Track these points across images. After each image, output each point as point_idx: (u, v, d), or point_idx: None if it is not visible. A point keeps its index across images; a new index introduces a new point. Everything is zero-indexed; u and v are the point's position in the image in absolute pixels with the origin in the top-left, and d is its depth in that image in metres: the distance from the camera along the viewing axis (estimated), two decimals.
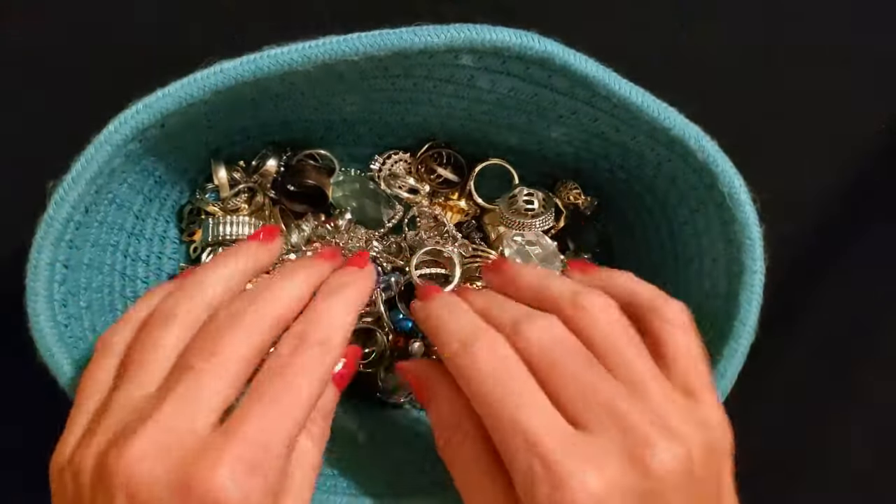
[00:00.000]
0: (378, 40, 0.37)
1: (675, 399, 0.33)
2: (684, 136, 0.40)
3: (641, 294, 0.37)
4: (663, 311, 0.36)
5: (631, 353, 0.34)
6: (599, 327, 0.35)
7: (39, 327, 0.38)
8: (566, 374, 0.33)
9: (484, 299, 0.38)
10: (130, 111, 0.37)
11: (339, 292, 0.36)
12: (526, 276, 0.38)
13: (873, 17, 0.53)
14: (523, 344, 0.34)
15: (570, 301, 0.35)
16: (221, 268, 0.36)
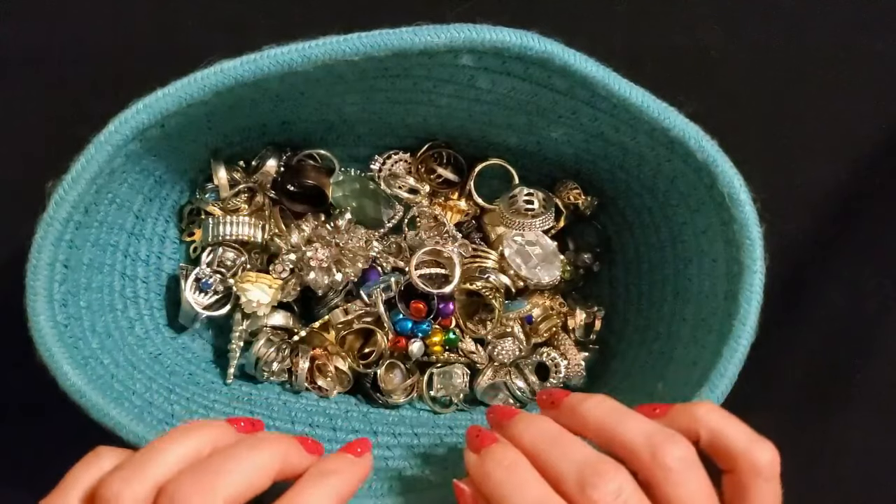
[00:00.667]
0: (378, 40, 0.37)
1: None
2: (684, 136, 0.40)
3: (733, 438, 0.34)
4: (756, 461, 0.34)
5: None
6: (682, 489, 0.32)
7: (39, 327, 0.38)
8: None
9: (543, 441, 0.34)
10: (131, 111, 0.37)
11: (325, 481, 0.34)
12: (593, 417, 0.35)
13: (873, 18, 0.53)
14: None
15: (649, 453, 0.32)
16: (176, 445, 0.33)
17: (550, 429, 0.34)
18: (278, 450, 0.34)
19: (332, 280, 0.48)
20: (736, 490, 0.34)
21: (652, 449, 0.32)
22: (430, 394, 0.50)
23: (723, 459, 0.34)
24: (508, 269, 0.49)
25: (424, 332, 0.49)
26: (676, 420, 0.35)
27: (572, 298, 0.53)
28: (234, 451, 0.33)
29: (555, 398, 0.37)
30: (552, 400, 0.37)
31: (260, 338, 0.49)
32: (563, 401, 0.37)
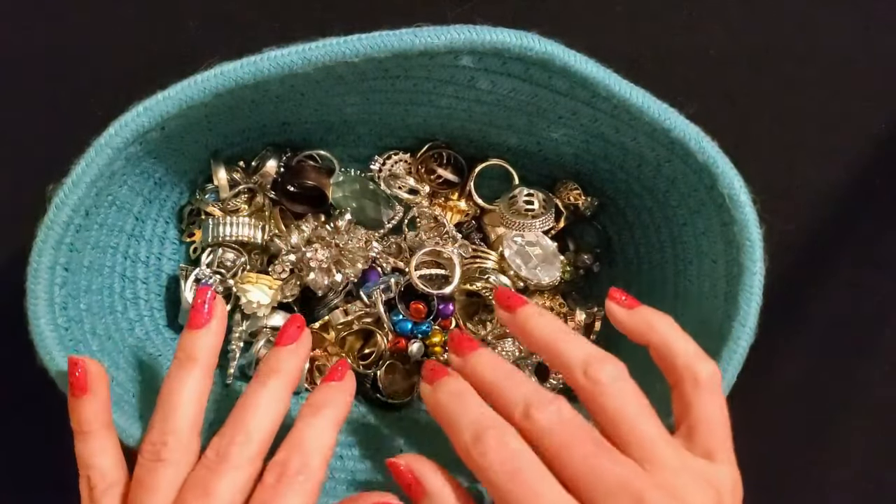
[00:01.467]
0: (378, 42, 0.37)
1: (689, 465, 0.34)
2: (684, 137, 0.40)
3: (677, 352, 0.37)
4: (696, 373, 0.37)
5: (642, 422, 0.35)
6: (611, 398, 0.35)
7: (40, 330, 0.38)
8: (576, 458, 0.33)
9: (492, 373, 0.37)
10: (131, 114, 0.37)
11: (320, 413, 0.38)
12: (538, 331, 0.38)
13: (873, 18, 0.53)
14: (533, 429, 0.35)
15: (582, 370, 0.36)
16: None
17: (504, 366, 0.38)
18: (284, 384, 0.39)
19: (331, 281, 0.48)
20: (682, 403, 0.37)
21: (585, 367, 0.36)
22: None
23: (668, 371, 0.38)
24: (508, 269, 0.49)
25: (424, 333, 0.49)
26: (633, 318, 0.39)
27: (572, 299, 0.53)
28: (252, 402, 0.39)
29: (512, 303, 0.40)
30: (509, 304, 0.40)
31: (260, 338, 0.49)
32: (517, 309, 0.40)
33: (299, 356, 0.40)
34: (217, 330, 0.39)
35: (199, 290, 0.39)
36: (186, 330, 0.39)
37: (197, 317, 0.39)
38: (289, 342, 0.39)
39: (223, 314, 0.40)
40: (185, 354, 0.38)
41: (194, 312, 0.39)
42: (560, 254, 0.51)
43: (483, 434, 0.34)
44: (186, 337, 0.39)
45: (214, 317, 0.39)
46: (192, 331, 0.38)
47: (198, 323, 0.38)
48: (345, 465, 0.44)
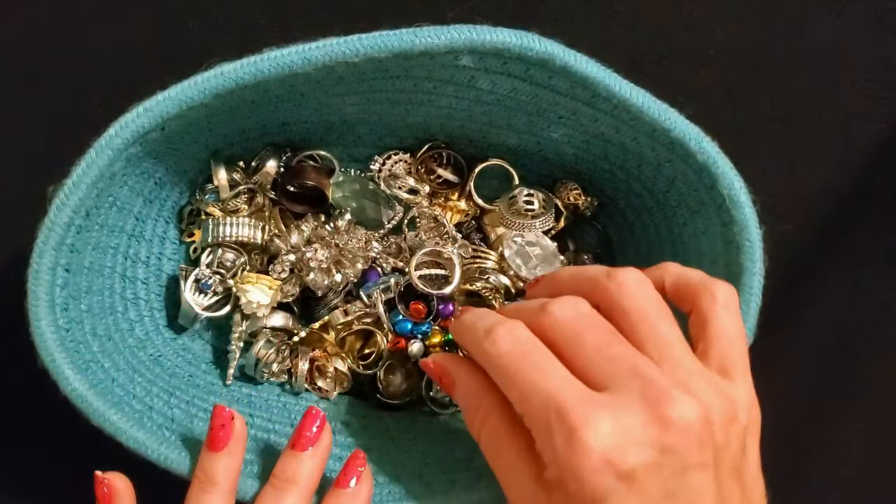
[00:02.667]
0: (378, 42, 0.37)
1: (703, 372, 0.33)
2: (685, 137, 0.40)
3: (692, 275, 0.37)
4: (714, 290, 0.36)
5: (662, 324, 0.34)
6: (634, 299, 0.35)
7: (41, 331, 0.38)
8: (589, 345, 0.33)
9: (515, 306, 0.38)
10: (131, 115, 0.37)
11: None
12: (562, 272, 0.40)
13: (873, 18, 0.53)
14: (548, 321, 0.35)
15: (605, 275, 0.36)
16: None
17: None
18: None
19: (331, 281, 0.48)
20: (698, 323, 0.36)
21: (608, 273, 0.36)
22: (430, 394, 0.50)
23: (684, 298, 0.37)
24: (508, 269, 0.49)
25: (424, 333, 0.49)
26: (646, 271, 0.38)
27: None
28: None
29: (536, 279, 0.42)
30: (535, 280, 0.42)
31: (259, 339, 0.49)
32: (540, 279, 0.41)
33: (317, 459, 0.39)
34: (237, 451, 0.38)
35: (217, 411, 0.38)
36: (205, 451, 0.38)
37: (215, 439, 0.38)
38: (304, 447, 0.39)
39: (242, 435, 0.39)
40: (207, 477, 0.38)
41: (212, 434, 0.38)
42: (560, 254, 0.51)
43: (495, 327, 0.35)
44: (206, 458, 0.38)
45: (233, 438, 0.38)
46: (212, 453, 0.38)
47: (217, 445, 0.38)
48: None
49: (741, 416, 0.33)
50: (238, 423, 0.38)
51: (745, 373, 0.35)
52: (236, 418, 0.38)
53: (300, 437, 0.38)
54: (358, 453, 0.40)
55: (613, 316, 0.35)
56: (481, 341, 0.35)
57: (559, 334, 0.34)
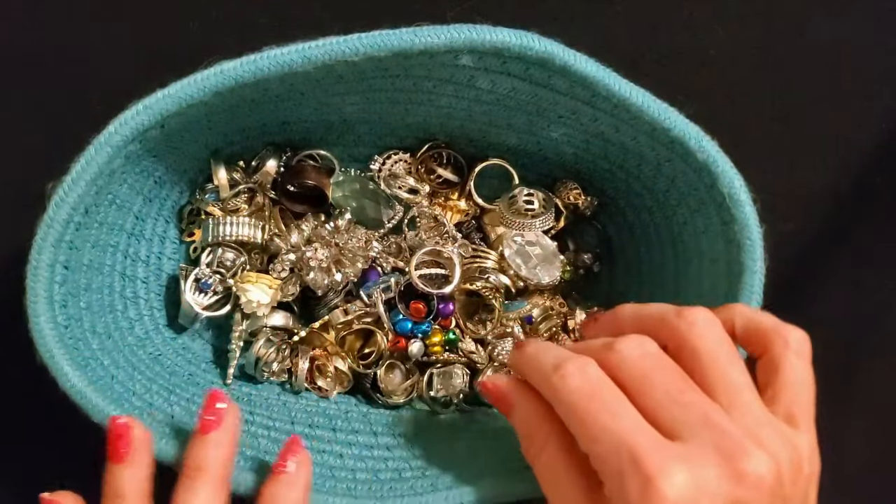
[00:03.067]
0: (378, 41, 0.37)
1: (773, 422, 0.33)
2: (684, 136, 0.40)
3: (764, 319, 0.36)
4: (787, 336, 0.35)
5: (734, 370, 0.34)
6: (705, 339, 0.34)
7: (39, 328, 0.38)
8: (658, 388, 0.33)
9: (577, 344, 0.38)
10: (130, 112, 0.37)
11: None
12: (623, 309, 0.38)
13: (873, 17, 0.53)
14: (615, 359, 0.34)
15: (675, 313, 0.35)
16: None
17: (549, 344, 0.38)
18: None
19: (331, 280, 0.48)
20: (768, 369, 0.35)
21: (677, 312, 0.35)
22: (430, 394, 0.50)
23: (756, 342, 0.36)
24: (508, 269, 0.49)
25: (424, 333, 0.49)
26: (714, 311, 0.37)
27: (572, 299, 0.53)
28: None
29: (594, 316, 0.40)
30: (593, 318, 0.40)
31: (260, 338, 0.49)
32: (599, 317, 0.40)
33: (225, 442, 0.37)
34: (140, 461, 0.36)
35: (111, 422, 0.36)
36: (108, 463, 0.36)
37: (114, 452, 0.36)
38: (209, 430, 0.37)
39: (143, 444, 0.37)
40: (112, 491, 0.36)
41: (111, 447, 0.36)
42: (560, 253, 0.51)
43: (564, 363, 0.34)
44: (109, 472, 0.36)
45: (133, 448, 0.36)
46: (114, 465, 0.36)
47: (117, 458, 0.36)
48: (345, 463, 0.44)
49: (805, 467, 0.33)
50: (138, 432, 0.37)
51: (809, 422, 0.35)
52: (135, 427, 0.37)
53: (203, 420, 0.37)
54: (295, 438, 0.39)
55: (682, 356, 0.34)
56: (549, 375, 0.34)
57: (626, 374, 0.33)
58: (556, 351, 0.36)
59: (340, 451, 0.45)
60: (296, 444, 0.39)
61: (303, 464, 0.38)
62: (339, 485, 0.42)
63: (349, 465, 0.44)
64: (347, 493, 0.41)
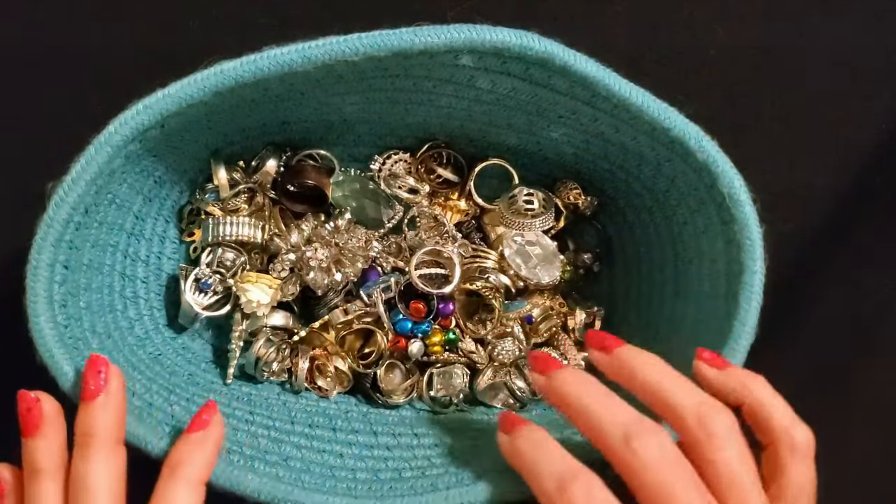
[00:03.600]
0: (378, 41, 0.37)
1: None
2: (684, 136, 0.40)
3: (773, 414, 0.37)
4: (794, 441, 0.37)
5: (752, 496, 0.35)
6: (725, 458, 0.35)
7: (39, 328, 0.38)
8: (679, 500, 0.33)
9: (584, 396, 0.36)
10: (130, 112, 0.37)
11: (176, 475, 0.37)
12: (643, 374, 0.37)
13: (873, 17, 0.53)
14: (632, 461, 0.34)
15: (696, 418, 0.35)
16: None
17: (597, 389, 0.36)
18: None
19: (331, 280, 0.48)
20: (773, 466, 0.37)
21: (699, 415, 0.35)
22: (430, 394, 0.50)
23: (763, 432, 0.37)
24: (508, 269, 0.49)
25: (424, 333, 0.49)
26: (729, 379, 0.38)
27: (572, 298, 0.53)
28: None
29: (607, 344, 0.39)
30: (604, 345, 0.39)
31: (259, 338, 0.49)
32: (614, 350, 0.38)
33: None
34: (51, 433, 0.37)
35: (20, 396, 0.37)
36: (80, 405, 0.37)
37: (26, 424, 0.37)
38: (93, 396, 0.37)
39: (54, 416, 0.37)
40: (29, 466, 0.36)
41: (22, 420, 0.37)
42: (560, 253, 0.51)
43: (569, 484, 0.33)
44: (24, 446, 0.37)
45: (45, 422, 0.36)
46: (26, 439, 0.37)
47: (29, 430, 0.37)
48: (345, 463, 0.44)
49: None
50: (47, 406, 0.37)
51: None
52: (44, 401, 0.37)
53: (86, 387, 0.37)
54: (209, 402, 0.40)
55: (701, 465, 0.34)
56: (552, 496, 0.34)
57: (644, 477, 0.33)
58: (556, 459, 0.35)
59: (340, 450, 0.45)
60: (209, 408, 0.39)
61: (214, 425, 0.39)
62: (339, 484, 0.42)
63: (349, 464, 0.44)
64: (347, 493, 0.41)
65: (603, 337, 0.39)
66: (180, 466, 0.37)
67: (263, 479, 0.39)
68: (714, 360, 0.39)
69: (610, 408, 0.35)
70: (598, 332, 0.40)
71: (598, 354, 0.39)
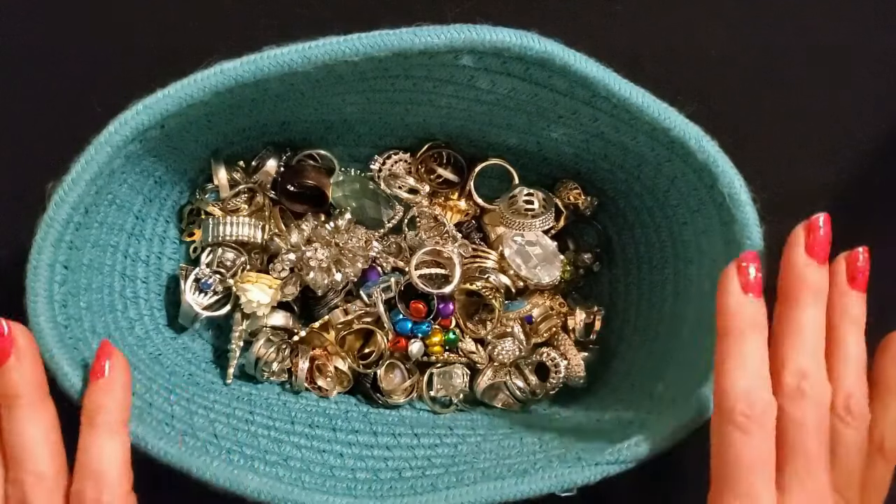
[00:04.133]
0: (378, 41, 0.37)
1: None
2: (685, 136, 0.40)
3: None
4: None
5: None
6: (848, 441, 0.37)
7: (39, 328, 0.38)
8: (800, 455, 0.35)
9: (790, 337, 0.37)
10: (130, 112, 0.37)
11: (95, 424, 0.37)
12: (850, 349, 0.39)
13: (873, 17, 0.53)
14: (798, 416, 0.35)
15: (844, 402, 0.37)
16: None
17: (800, 332, 0.37)
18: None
19: (331, 280, 0.48)
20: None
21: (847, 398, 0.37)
22: (430, 394, 0.50)
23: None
24: (508, 269, 0.49)
25: (424, 333, 0.49)
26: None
27: (572, 298, 0.53)
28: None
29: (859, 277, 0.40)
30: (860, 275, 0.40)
31: (260, 338, 0.49)
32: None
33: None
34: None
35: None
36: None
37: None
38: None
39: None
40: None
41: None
42: (560, 253, 0.51)
43: (753, 402, 0.35)
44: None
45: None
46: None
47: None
48: (345, 462, 0.44)
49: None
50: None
51: None
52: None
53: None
54: (104, 343, 0.39)
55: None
56: (731, 416, 0.35)
57: (788, 432, 0.35)
58: (751, 375, 0.35)
59: (341, 450, 0.45)
60: (107, 347, 0.39)
61: (117, 367, 0.39)
62: (339, 484, 0.42)
63: (349, 464, 0.44)
64: (347, 493, 0.41)
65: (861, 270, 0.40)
66: (96, 414, 0.37)
67: (263, 478, 0.39)
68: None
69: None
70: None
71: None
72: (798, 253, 0.38)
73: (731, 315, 0.36)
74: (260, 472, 0.40)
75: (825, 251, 0.38)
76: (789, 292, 0.38)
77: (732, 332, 0.36)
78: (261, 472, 0.40)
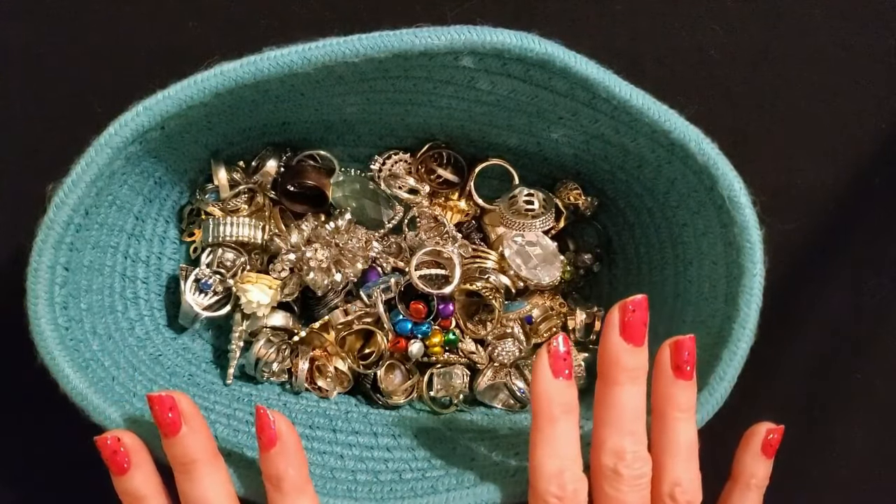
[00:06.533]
0: (378, 42, 0.37)
1: None
2: (685, 138, 0.40)
3: None
4: None
5: None
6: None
7: (40, 330, 0.38)
8: None
9: (606, 417, 0.38)
10: (131, 113, 0.37)
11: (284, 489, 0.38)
12: (680, 435, 0.38)
13: (873, 17, 0.53)
14: (608, 491, 0.37)
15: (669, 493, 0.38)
16: None
17: (621, 410, 0.37)
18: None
19: (331, 280, 0.48)
20: None
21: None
22: (430, 394, 0.50)
23: None
24: (508, 269, 0.49)
25: (424, 333, 0.49)
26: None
27: (572, 299, 0.53)
28: None
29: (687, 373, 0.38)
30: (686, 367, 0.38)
31: (260, 338, 0.49)
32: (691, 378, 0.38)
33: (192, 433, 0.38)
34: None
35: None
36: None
37: (168, 425, 0.38)
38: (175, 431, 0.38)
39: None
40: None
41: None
42: (560, 254, 0.51)
43: (563, 483, 0.36)
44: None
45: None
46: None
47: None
48: (345, 464, 0.44)
49: None
50: (128, 439, 0.38)
51: None
52: (125, 436, 0.38)
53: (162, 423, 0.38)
54: (259, 410, 0.38)
55: None
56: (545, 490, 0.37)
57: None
58: (560, 458, 0.37)
59: (341, 452, 0.45)
60: (269, 419, 0.38)
61: (284, 433, 0.38)
62: (339, 486, 0.42)
63: (349, 466, 0.44)
64: (348, 495, 0.41)
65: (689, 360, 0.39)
66: (283, 482, 0.37)
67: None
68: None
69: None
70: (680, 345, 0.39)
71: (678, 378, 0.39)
72: (613, 335, 0.37)
73: (541, 399, 0.37)
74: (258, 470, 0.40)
75: (641, 333, 0.37)
76: (607, 373, 0.38)
77: (543, 416, 0.37)
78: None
